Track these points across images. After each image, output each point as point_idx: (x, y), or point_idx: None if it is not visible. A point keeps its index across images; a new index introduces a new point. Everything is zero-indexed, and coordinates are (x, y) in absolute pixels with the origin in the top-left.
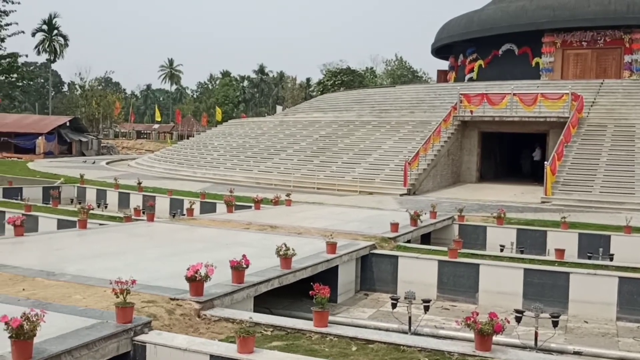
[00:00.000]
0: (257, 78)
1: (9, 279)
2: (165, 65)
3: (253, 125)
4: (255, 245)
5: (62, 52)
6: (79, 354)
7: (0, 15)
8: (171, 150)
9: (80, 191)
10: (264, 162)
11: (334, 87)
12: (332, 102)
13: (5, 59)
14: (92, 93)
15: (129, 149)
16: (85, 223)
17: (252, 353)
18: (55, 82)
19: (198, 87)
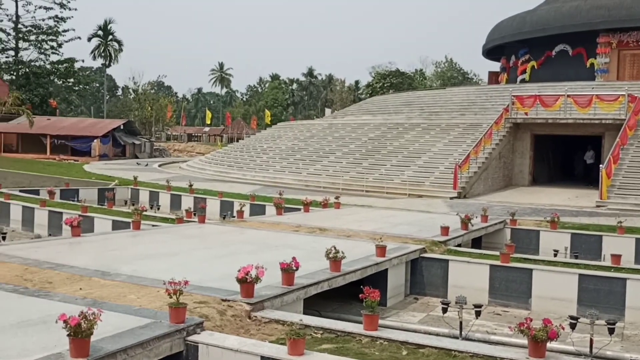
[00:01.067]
0: (306, 81)
1: (67, 279)
2: (216, 69)
3: (302, 128)
4: (304, 247)
5: (117, 57)
6: (134, 352)
7: (58, 21)
8: (221, 152)
9: (133, 193)
10: (313, 165)
11: (383, 90)
12: (381, 105)
13: (63, 64)
14: (145, 97)
15: (181, 152)
16: (139, 224)
17: (303, 355)
18: (110, 86)
19: (248, 90)
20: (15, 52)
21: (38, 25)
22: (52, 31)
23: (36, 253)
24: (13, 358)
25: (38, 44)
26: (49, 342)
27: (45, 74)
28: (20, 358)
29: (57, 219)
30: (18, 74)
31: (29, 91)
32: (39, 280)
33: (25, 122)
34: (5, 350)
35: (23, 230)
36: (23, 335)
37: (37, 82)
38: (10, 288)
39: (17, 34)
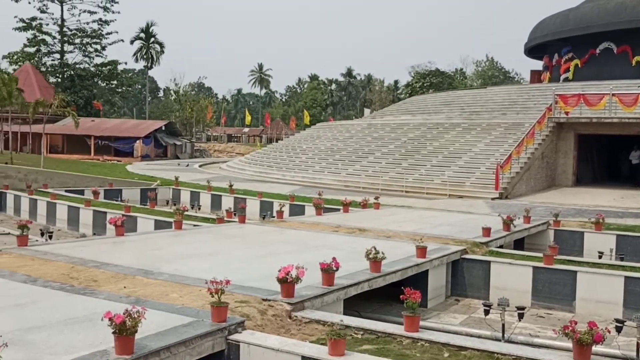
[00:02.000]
0: (345, 81)
1: (111, 277)
2: (255, 70)
3: (341, 129)
4: (344, 248)
5: (159, 59)
6: (177, 350)
7: (102, 24)
8: (261, 153)
9: (175, 193)
10: (352, 165)
11: (422, 89)
12: (420, 105)
13: (106, 66)
14: (186, 98)
15: (220, 152)
16: (181, 224)
17: (343, 356)
18: (152, 87)
19: (287, 90)
20: (61, 55)
21: (82, 29)
22: (96, 34)
23: (81, 252)
24: (60, 354)
25: (82, 47)
26: (95, 340)
27: (90, 76)
28: (67, 355)
29: (102, 219)
30: (63, 77)
31: (73, 93)
32: (85, 278)
33: (70, 123)
34: (52, 347)
35: (69, 229)
36: (69, 332)
37: (82, 84)
38: (57, 286)
39: (63, 37)
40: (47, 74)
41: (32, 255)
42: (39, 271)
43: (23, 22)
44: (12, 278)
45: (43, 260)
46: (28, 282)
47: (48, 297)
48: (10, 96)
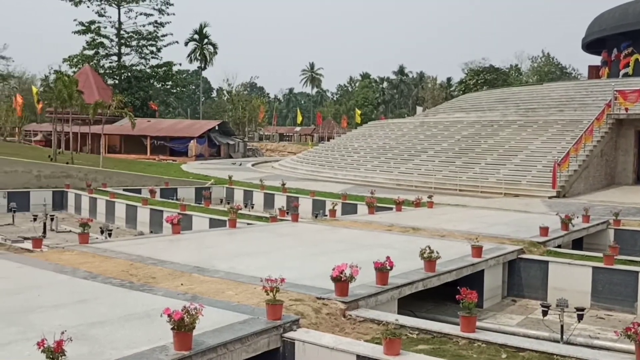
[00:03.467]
0: (397, 79)
1: (169, 274)
2: (307, 69)
3: (393, 127)
4: (397, 247)
5: (212, 59)
6: (233, 347)
7: (157, 27)
8: (312, 152)
9: (228, 192)
10: (405, 164)
11: (476, 87)
12: (474, 102)
13: (162, 67)
14: (239, 98)
15: (273, 151)
16: (235, 222)
17: (399, 355)
18: (205, 88)
19: (338, 89)
20: (118, 57)
21: (139, 31)
22: (152, 36)
23: (140, 249)
24: (122, 349)
25: (139, 49)
26: (154, 335)
27: (146, 77)
28: (128, 349)
29: (158, 217)
30: (121, 78)
31: (130, 94)
32: (143, 275)
33: (127, 124)
34: (114, 342)
35: (127, 227)
36: (130, 327)
37: (138, 86)
38: (117, 282)
39: (120, 40)
40: (105, 75)
41: (93, 252)
42: (100, 268)
43: (82, 26)
44: (74, 275)
45: (103, 257)
46: (89, 279)
47: (109, 294)
48: (70, 98)
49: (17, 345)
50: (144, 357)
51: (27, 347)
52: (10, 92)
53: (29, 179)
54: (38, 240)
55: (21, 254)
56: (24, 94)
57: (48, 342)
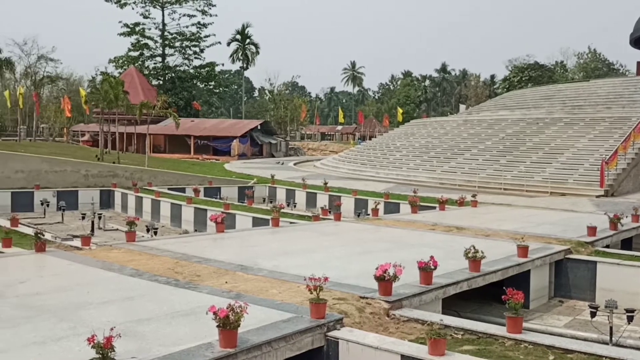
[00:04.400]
0: (439, 77)
1: (213, 272)
2: (348, 68)
3: (436, 125)
4: (441, 246)
5: (254, 59)
6: (277, 345)
7: (200, 28)
8: (354, 151)
9: (271, 191)
10: (448, 162)
11: (520, 84)
12: (519, 99)
13: (205, 68)
14: (280, 97)
15: (314, 150)
16: (278, 221)
17: (444, 356)
18: (247, 88)
19: (379, 88)
20: (162, 58)
21: (182, 33)
22: (195, 37)
23: (185, 247)
24: (168, 346)
25: (182, 50)
26: (200, 332)
27: (189, 78)
28: (175, 346)
29: (202, 216)
30: (165, 79)
31: (174, 95)
32: (189, 273)
33: (171, 124)
34: (161, 339)
35: (172, 225)
36: (176, 324)
37: (182, 86)
38: (164, 280)
39: (164, 41)
40: (149, 76)
41: (139, 250)
42: (146, 266)
43: (127, 28)
44: (121, 272)
45: (150, 255)
46: (136, 276)
47: (155, 291)
48: (117, 99)
49: (68, 340)
50: (190, 353)
51: (78, 343)
52: (58, 93)
53: (78, 179)
54: (87, 238)
55: (71, 251)
56: (72, 95)
57: (98, 338)
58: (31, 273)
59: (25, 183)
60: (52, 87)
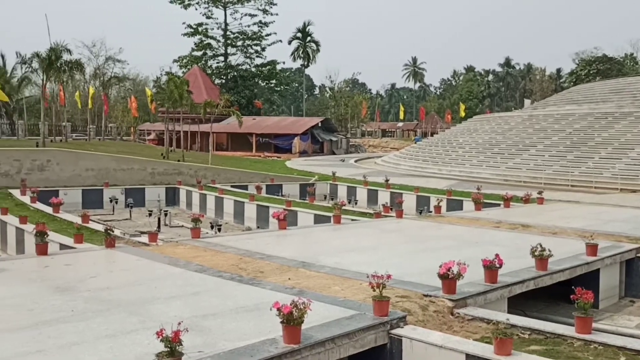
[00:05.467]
0: (503, 71)
1: (276, 269)
2: (409, 64)
3: (500, 121)
4: (506, 244)
5: (315, 57)
6: (341, 342)
7: (261, 27)
8: (416, 147)
9: (332, 188)
10: (512, 159)
11: (588, 77)
12: (586, 94)
13: (266, 66)
14: (341, 94)
15: (375, 147)
16: (339, 218)
17: (510, 356)
18: (308, 85)
19: (441, 83)
20: (225, 57)
21: (244, 32)
22: (257, 36)
23: (248, 244)
24: (233, 341)
25: (244, 49)
26: (264, 328)
27: (251, 76)
28: (239, 341)
29: (265, 213)
30: (227, 78)
31: (236, 93)
32: (252, 269)
33: (233, 122)
34: (226, 333)
35: (235, 222)
36: (240, 319)
37: (244, 85)
38: (228, 276)
39: (226, 40)
40: (212, 75)
41: (204, 246)
42: (211, 262)
43: (191, 28)
44: (187, 268)
45: (214, 251)
46: (201, 272)
47: (219, 287)
48: (181, 98)
49: (137, 334)
50: (255, 349)
51: (147, 336)
52: (125, 93)
53: (144, 176)
54: (154, 235)
55: (139, 247)
56: (138, 95)
57: (166, 332)
58: (102, 268)
59: (95, 181)
60: (120, 88)
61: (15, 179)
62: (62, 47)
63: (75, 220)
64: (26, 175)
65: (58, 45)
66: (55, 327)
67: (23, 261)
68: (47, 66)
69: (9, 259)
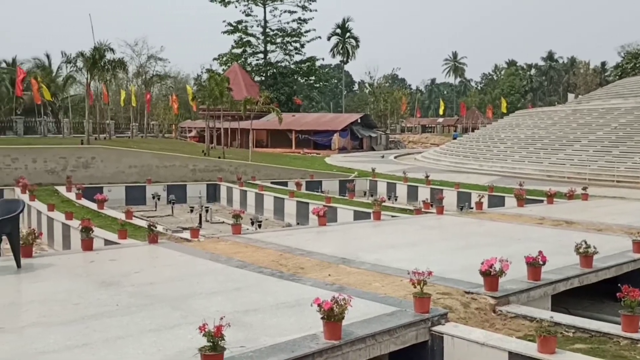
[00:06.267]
0: (546, 65)
1: (316, 265)
2: (449, 59)
3: (542, 116)
4: (549, 241)
5: (354, 53)
6: (381, 338)
7: (300, 23)
8: (456, 143)
9: (372, 184)
10: (555, 154)
11: (634, 71)
12: (633, 87)
13: (305, 63)
14: (380, 90)
15: (415, 143)
16: (379, 215)
17: (554, 354)
18: (347, 81)
19: (482, 78)
20: (264, 54)
21: (283, 29)
22: (296, 33)
23: (288, 240)
24: (275, 336)
25: (283, 46)
26: (304, 324)
27: (290, 73)
28: (280, 337)
29: (304, 209)
30: (267, 75)
31: (276, 90)
32: (292, 265)
33: (273, 119)
34: (267, 329)
35: (275, 218)
36: (281, 315)
37: (283, 82)
38: (269, 272)
39: (266, 37)
40: (252, 72)
41: (245, 242)
42: (252, 258)
43: (230, 26)
44: (228, 263)
45: (255, 247)
46: (242, 268)
47: (260, 282)
48: (222, 95)
49: (180, 328)
50: (296, 344)
51: (190, 331)
52: (167, 91)
53: (186, 173)
54: (195, 231)
55: (181, 243)
56: (179, 93)
57: (209, 327)
58: (145, 263)
59: (138, 177)
60: (161, 86)
61: (61, 176)
62: (105, 46)
63: (119, 216)
64: (71, 172)
65: (102, 45)
66: (100, 321)
67: (69, 256)
68: (91, 65)
69: (56, 254)
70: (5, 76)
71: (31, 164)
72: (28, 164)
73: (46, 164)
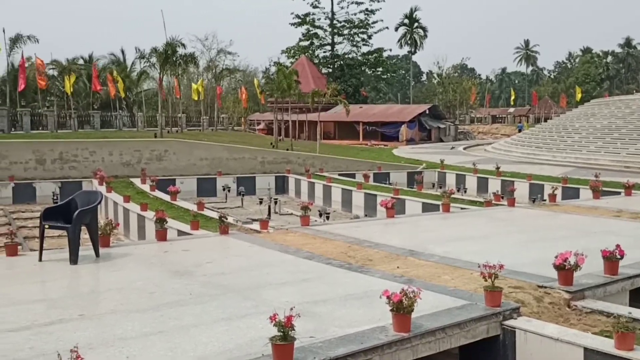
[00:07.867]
0: (623, 52)
1: (385, 257)
2: (521, 47)
3: (620, 104)
4: (627, 234)
5: (422, 43)
6: (451, 332)
7: (368, 14)
8: (528, 133)
9: (440, 176)
10: (634, 144)
11: None
12: None
13: (372, 54)
14: (449, 80)
15: (485, 134)
16: (449, 207)
17: (632, 351)
18: (415, 72)
19: (555, 67)
20: (332, 46)
21: (350, 20)
22: (363, 24)
23: (356, 232)
24: (344, 327)
25: (351, 37)
26: (373, 316)
27: (357, 65)
28: (350, 328)
29: (372, 201)
30: (334, 67)
31: (343, 82)
32: (361, 257)
33: (340, 111)
34: (336, 320)
35: (343, 210)
36: (350, 306)
37: (351, 73)
38: (337, 263)
39: (333, 29)
40: (319, 65)
41: (313, 234)
42: (320, 249)
43: (298, 18)
44: (297, 255)
45: (323, 239)
46: (311, 259)
47: (329, 274)
48: (290, 88)
49: (251, 318)
50: (365, 336)
51: (260, 320)
52: (236, 84)
53: (254, 165)
54: (265, 222)
55: (250, 234)
56: (248, 86)
57: (279, 317)
58: (216, 254)
59: (209, 170)
60: (230, 79)
61: (136, 168)
62: (177, 41)
63: (191, 207)
64: (146, 164)
65: (173, 40)
66: (174, 310)
67: (144, 246)
68: (163, 60)
69: (132, 244)
70: (82, 72)
71: (108, 156)
72: (105, 156)
73: (122, 157)
